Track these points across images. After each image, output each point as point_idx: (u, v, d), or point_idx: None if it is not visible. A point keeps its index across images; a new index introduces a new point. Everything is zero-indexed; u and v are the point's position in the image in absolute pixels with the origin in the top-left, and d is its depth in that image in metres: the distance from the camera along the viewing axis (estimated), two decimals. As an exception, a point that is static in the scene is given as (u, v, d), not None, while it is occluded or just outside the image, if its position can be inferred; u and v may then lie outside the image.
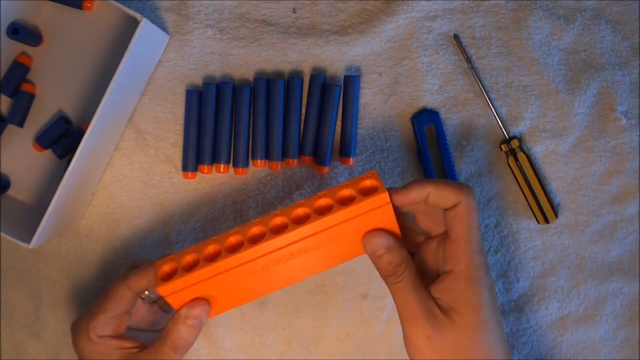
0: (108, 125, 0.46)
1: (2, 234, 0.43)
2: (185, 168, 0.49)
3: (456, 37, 0.50)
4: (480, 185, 0.50)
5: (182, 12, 0.50)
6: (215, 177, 0.50)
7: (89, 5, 0.49)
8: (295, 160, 0.49)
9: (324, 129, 0.49)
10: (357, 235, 0.39)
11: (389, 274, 0.39)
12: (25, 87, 0.49)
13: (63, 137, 0.49)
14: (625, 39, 0.51)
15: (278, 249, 0.38)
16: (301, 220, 0.38)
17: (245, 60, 0.50)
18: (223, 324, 0.50)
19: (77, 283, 0.51)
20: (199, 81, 0.50)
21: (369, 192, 0.37)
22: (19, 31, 0.46)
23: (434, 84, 0.50)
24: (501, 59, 0.50)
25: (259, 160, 0.49)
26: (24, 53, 0.49)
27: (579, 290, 0.50)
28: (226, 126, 0.49)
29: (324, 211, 0.37)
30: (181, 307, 0.39)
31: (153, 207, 0.50)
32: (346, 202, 0.37)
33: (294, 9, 0.50)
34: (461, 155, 0.50)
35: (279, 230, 0.38)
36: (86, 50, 0.50)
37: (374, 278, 0.50)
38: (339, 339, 0.50)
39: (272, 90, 0.49)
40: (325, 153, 0.49)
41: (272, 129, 0.49)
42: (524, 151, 0.49)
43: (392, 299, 0.49)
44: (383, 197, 0.37)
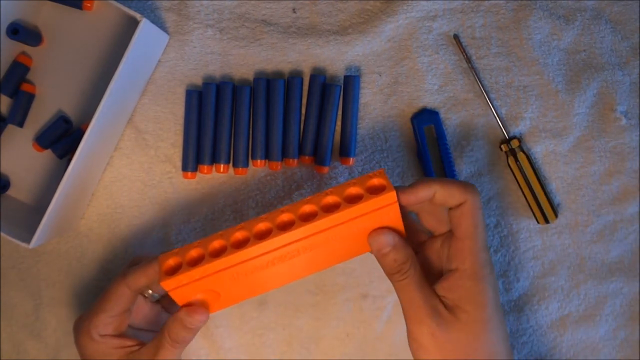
0: (108, 125, 0.46)
1: (2, 234, 0.43)
2: (185, 168, 0.49)
3: (456, 37, 0.50)
4: (480, 185, 0.50)
5: (182, 12, 0.50)
6: (215, 177, 0.50)
7: (89, 5, 0.49)
8: (295, 160, 0.49)
9: (324, 129, 0.49)
10: (362, 233, 0.39)
11: (394, 272, 0.39)
12: (25, 87, 0.49)
13: (63, 137, 0.49)
14: (625, 39, 0.51)
15: (284, 246, 0.37)
16: (308, 218, 0.37)
17: (245, 60, 0.50)
18: (223, 323, 0.50)
19: (77, 283, 0.51)
20: (199, 81, 0.50)
21: (376, 191, 0.37)
22: (19, 31, 0.46)
23: (434, 84, 0.50)
24: (501, 59, 0.50)
25: (259, 160, 0.49)
26: (24, 53, 0.49)
27: (579, 290, 0.50)
28: (226, 126, 0.49)
29: (331, 208, 0.37)
30: (181, 309, 0.39)
31: (153, 207, 0.50)
32: (353, 200, 0.37)
33: (294, 9, 0.50)
34: (461, 155, 0.50)
35: (285, 226, 0.37)
36: (86, 50, 0.50)
37: (374, 278, 0.50)
38: (339, 339, 0.50)
39: (272, 90, 0.49)
40: (325, 153, 0.49)
41: (272, 129, 0.49)
42: (524, 151, 0.49)
43: (392, 299, 0.50)
44: (390, 196, 0.37)
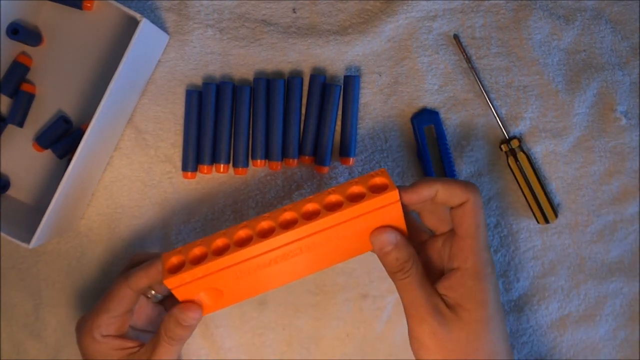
0: (108, 125, 0.46)
1: (2, 234, 0.43)
2: (185, 168, 0.49)
3: (456, 37, 0.50)
4: (480, 185, 0.50)
5: (182, 12, 0.50)
6: (215, 177, 0.50)
7: (89, 5, 0.49)
8: (295, 160, 0.49)
9: (324, 129, 0.49)
10: (364, 232, 0.39)
11: (395, 270, 0.39)
12: (25, 87, 0.49)
13: (63, 137, 0.49)
14: (625, 39, 0.51)
15: (287, 244, 0.37)
16: (311, 216, 0.37)
17: (245, 60, 0.50)
18: (223, 323, 0.50)
19: (77, 283, 0.51)
20: (199, 81, 0.50)
21: (378, 190, 0.37)
22: (19, 31, 0.46)
23: (434, 84, 0.50)
24: (501, 59, 0.50)
25: (259, 160, 0.49)
26: (23, 53, 0.49)
27: (579, 290, 0.50)
28: (226, 126, 0.49)
29: (333, 207, 0.37)
30: (175, 306, 0.39)
31: (153, 207, 0.50)
32: (356, 198, 0.37)
33: (294, 9, 0.50)
34: (461, 155, 0.50)
35: (288, 225, 0.37)
36: (86, 50, 0.50)
37: (374, 278, 0.50)
38: (339, 339, 0.50)
39: (272, 90, 0.49)
40: (325, 153, 0.49)
41: (272, 129, 0.49)
42: (523, 151, 0.49)
43: (392, 299, 0.50)
44: (393, 195, 0.37)
